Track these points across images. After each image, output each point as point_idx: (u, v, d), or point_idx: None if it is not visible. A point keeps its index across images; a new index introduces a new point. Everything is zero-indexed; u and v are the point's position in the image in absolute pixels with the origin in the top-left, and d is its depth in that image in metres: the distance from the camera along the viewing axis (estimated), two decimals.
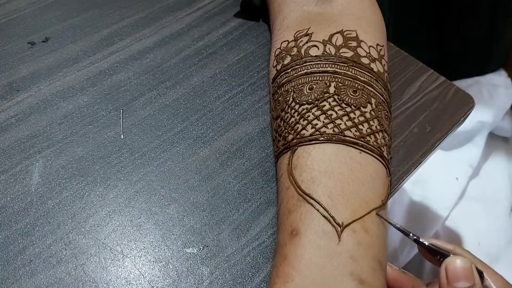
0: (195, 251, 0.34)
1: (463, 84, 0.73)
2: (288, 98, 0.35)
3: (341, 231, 0.28)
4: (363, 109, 0.33)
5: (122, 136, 0.40)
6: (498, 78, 0.74)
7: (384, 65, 0.37)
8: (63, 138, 0.40)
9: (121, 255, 0.34)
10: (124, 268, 0.33)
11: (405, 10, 0.67)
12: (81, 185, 0.37)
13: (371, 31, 0.38)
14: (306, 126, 0.32)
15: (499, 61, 0.77)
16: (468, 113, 0.44)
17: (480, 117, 0.67)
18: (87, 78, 0.45)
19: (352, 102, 0.33)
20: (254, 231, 0.35)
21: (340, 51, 0.35)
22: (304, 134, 0.32)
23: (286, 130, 0.34)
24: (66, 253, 0.34)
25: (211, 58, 0.47)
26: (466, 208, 0.62)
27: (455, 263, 0.27)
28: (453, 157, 0.68)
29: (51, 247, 0.34)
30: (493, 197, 0.68)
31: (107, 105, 0.43)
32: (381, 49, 0.37)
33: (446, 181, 0.67)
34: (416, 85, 0.45)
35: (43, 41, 0.48)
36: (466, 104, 0.44)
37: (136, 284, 0.32)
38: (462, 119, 0.43)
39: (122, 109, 0.42)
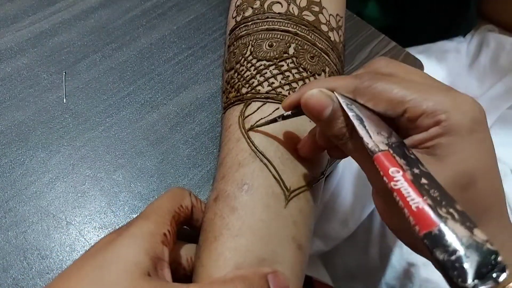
0: None
1: (413, 51, 0.73)
2: (245, 52, 0.34)
3: (289, 196, 0.28)
4: (317, 77, 0.33)
5: (64, 100, 0.38)
6: (449, 43, 0.74)
7: (341, 36, 0.37)
8: (0, 102, 0.38)
9: (65, 222, 0.33)
10: (68, 235, 0.32)
11: None
12: (22, 150, 0.35)
13: (333, 0, 0.37)
14: (262, 82, 0.32)
15: (464, 31, 0.76)
16: None
17: None
18: (27, 39, 0.42)
19: (308, 67, 0.33)
20: (203, 197, 0.35)
21: (303, 13, 0.35)
22: (260, 90, 0.32)
23: (239, 83, 0.33)
24: (6, 221, 0.32)
25: (159, 20, 0.45)
26: None
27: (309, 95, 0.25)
28: None
29: None
30: None
31: (49, 67, 0.40)
32: (340, 20, 0.37)
33: None
34: (367, 50, 0.46)
35: None
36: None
37: (82, 251, 0.32)
38: None
39: (65, 72, 0.40)
